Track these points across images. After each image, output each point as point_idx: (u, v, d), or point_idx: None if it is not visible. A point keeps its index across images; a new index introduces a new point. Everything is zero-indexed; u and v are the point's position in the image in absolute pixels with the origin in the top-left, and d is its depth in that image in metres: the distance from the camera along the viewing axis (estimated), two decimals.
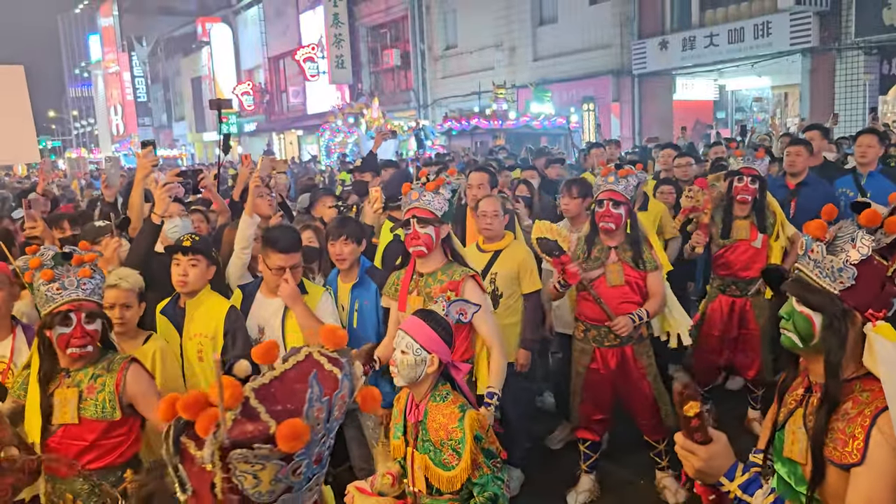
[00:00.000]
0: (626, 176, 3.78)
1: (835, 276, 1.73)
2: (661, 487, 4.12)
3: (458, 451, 2.39)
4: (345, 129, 20.72)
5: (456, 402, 2.48)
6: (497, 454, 2.48)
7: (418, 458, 2.49)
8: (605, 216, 3.78)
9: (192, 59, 39.59)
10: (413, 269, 3.31)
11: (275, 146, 31.60)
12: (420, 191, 3.23)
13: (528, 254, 4.25)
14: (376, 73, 27.73)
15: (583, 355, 3.98)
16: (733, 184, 4.48)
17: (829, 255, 1.75)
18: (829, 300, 1.73)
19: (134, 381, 2.58)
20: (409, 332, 2.49)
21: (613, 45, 18.45)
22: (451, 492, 2.46)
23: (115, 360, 2.61)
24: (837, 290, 1.73)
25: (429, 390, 2.51)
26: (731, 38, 15.54)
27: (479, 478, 2.41)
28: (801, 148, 5.23)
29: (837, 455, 1.69)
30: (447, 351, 2.52)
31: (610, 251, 3.86)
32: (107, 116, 50.08)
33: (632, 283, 3.83)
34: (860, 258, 1.72)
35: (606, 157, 7.91)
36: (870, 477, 1.64)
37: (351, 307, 3.76)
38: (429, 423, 2.47)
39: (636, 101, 18.37)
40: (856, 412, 1.70)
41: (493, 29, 21.66)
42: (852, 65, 13.88)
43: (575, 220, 4.66)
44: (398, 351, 2.48)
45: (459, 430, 2.40)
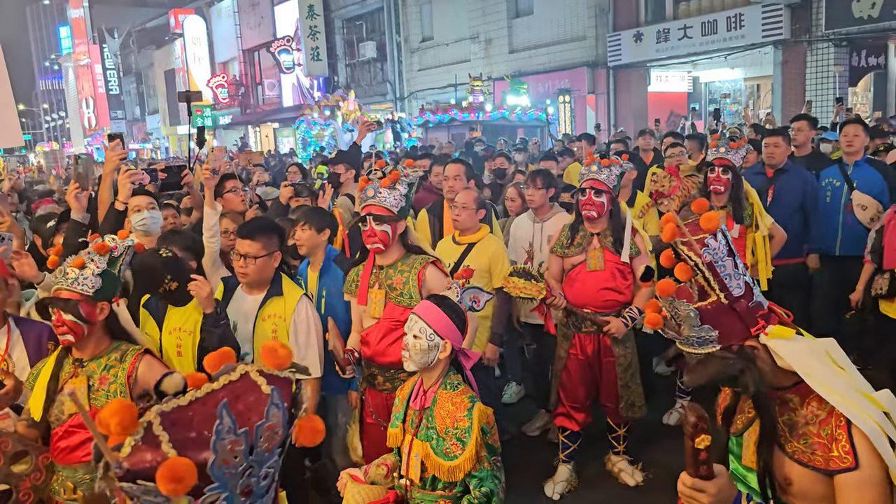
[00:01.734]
0: (609, 165, 3.85)
1: (703, 341, 1.73)
2: (616, 471, 4.22)
3: (464, 440, 2.37)
4: (321, 122, 20.58)
5: (466, 393, 2.47)
6: (498, 452, 2.47)
7: (417, 446, 2.46)
8: (587, 204, 3.87)
9: (165, 51, 39.01)
10: (373, 262, 3.33)
11: (250, 139, 31.31)
12: (375, 187, 3.21)
13: (500, 248, 4.29)
14: (352, 66, 27.55)
15: (564, 340, 4.07)
16: (707, 175, 4.54)
17: (683, 329, 1.75)
18: (722, 359, 1.73)
19: (146, 371, 2.58)
20: (423, 317, 2.46)
21: (588, 37, 18.53)
22: (445, 486, 2.43)
23: (128, 351, 2.62)
24: (716, 346, 1.73)
25: (440, 377, 2.49)
26: (705, 31, 15.68)
27: (479, 471, 2.39)
28: (780, 139, 5.28)
29: (819, 460, 1.67)
30: (460, 338, 2.51)
31: (592, 237, 3.93)
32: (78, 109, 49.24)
33: (612, 269, 3.91)
34: (698, 315, 1.72)
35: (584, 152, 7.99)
36: (870, 478, 1.62)
37: (318, 294, 3.78)
38: (436, 410, 2.45)
39: (611, 93, 18.47)
40: (825, 413, 1.69)
41: (468, 21, 21.64)
42: (823, 57, 14.07)
43: (538, 210, 4.71)
44: (410, 335, 2.45)
45: (467, 420, 2.38)
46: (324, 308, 3.74)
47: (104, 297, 2.57)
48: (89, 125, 46.68)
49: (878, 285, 4.55)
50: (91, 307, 2.54)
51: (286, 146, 26.98)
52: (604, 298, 3.93)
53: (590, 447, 4.38)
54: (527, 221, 4.81)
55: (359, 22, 26.91)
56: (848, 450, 1.63)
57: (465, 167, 5.04)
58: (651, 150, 7.70)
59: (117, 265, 2.64)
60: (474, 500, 2.38)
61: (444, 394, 2.46)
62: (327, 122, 20.41)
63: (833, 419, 1.67)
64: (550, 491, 4.16)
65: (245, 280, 3.37)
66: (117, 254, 2.64)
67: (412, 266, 3.23)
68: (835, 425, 1.66)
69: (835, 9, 13.53)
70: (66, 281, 2.52)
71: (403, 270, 3.24)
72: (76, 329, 2.53)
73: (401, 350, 2.52)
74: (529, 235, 4.72)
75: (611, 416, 4.17)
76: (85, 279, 2.53)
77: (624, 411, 4.04)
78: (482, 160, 9.94)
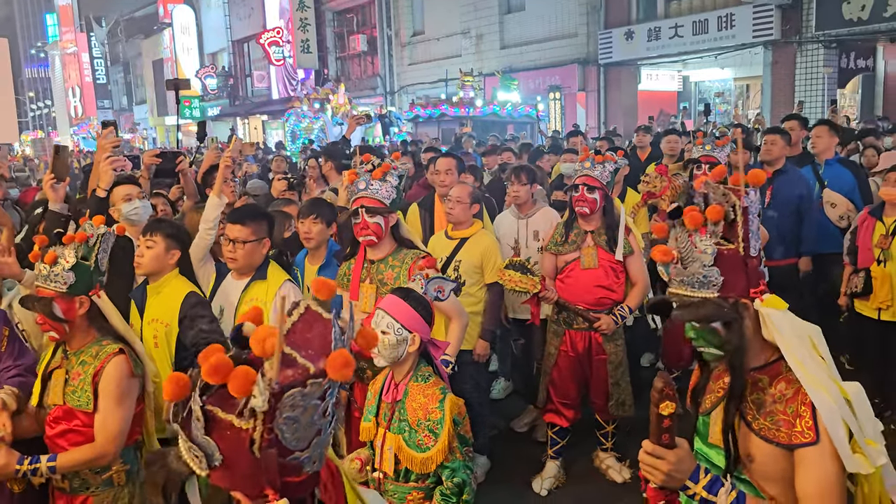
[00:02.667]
0: (602, 162, 3.84)
1: (705, 283, 1.77)
2: (604, 468, 4.23)
3: (436, 431, 2.38)
4: (310, 115, 20.48)
5: (438, 385, 2.48)
6: (470, 443, 2.48)
7: (390, 439, 2.47)
8: (580, 200, 3.86)
9: (153, 40, 38.66)
10: (364, 257, 3.31)
11: (239, 131, 31.12)
12: (366, 179, 3.20)
13: (492, 243, 4.27)
14: (342, 59, 27.42)
15: (555, 337, 4.06)
16: (693, 172, 4.55)
17: (688, 270, 1.79)
18: (716, 305, 1.77)
19: (112, 372, 2.49)
20: (389, 312, 2.45)
21: (580, 34, 18.53)
22: (417, 478, 2.44)
23: (104, 349, 2.53)
24: (715, 293, 1.77)
25: (411, 369, 2.50)
26: (696, 30, 15.72)
27: (451, 462, 2.40)
28: (777, 136, 5.31)
29: (783, 436, 1.73)
30: (427, 329, 2.51)
31: (586, 235, 3.92)
32: (65, 98, 48.72)
33: (605, 267, 3.91)
34: (712, 257, 1.77)
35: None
36: (828, 453, 1.68)
37: None
38: (408, 403, 2.45)
39: (602, 91, 18.50)
40: (792, 392, 1.75)
41: (460, 16, 21.57)
42: (812, 58, 14.14)
43: (523, 206, 4.70)
44: (378, 331, 2.42)
45: (439, 412, 2.39)
46: None
47: (81, 291, 2.49)
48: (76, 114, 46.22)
49: (853, 283, 4.63)
50: (68, 303, 2.46)
51: (275, 138, 26.83)
52: (597, 296, 3.93)
53: (578, 444, 4.38)
54: (510, 218, 4.79)
55: (349, 15, 26.79)
56: (811, 426, 1.69)
57: (457, 161, 5.03)
58: (647, 147, 7.68)
59: (92, 255, 2.53)
60: (447, 490, 2.39)
61: (415, 386, 2.48)
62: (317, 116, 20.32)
63: (799, 397, 1.73)
64: (538, 487, 4.16)
65: (234, 265, 3.34)
66: (92, 243, 2.53)
67: (403, 261, 3.22)
68: (800, 402, 1.72)
69: (825, 10, 13.59)
70: (41, 278, 2.46)
71: (394, 265, 3.23)
72: (56, 327, 2.48)
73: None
74: (514, 232, 4.70)
75: (599, 414, 4.17)
76: (56, 275, 2.44)
77: (613, 409, 4.04)
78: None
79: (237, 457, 1.14)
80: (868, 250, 4.54)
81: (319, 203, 3.84)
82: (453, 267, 4.14)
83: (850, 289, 4.66)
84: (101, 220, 2.62)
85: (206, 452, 1.14)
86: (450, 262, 4.14)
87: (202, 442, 1.14)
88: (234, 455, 1.14)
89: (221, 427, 1.14)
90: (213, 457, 1.14)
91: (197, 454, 1.15)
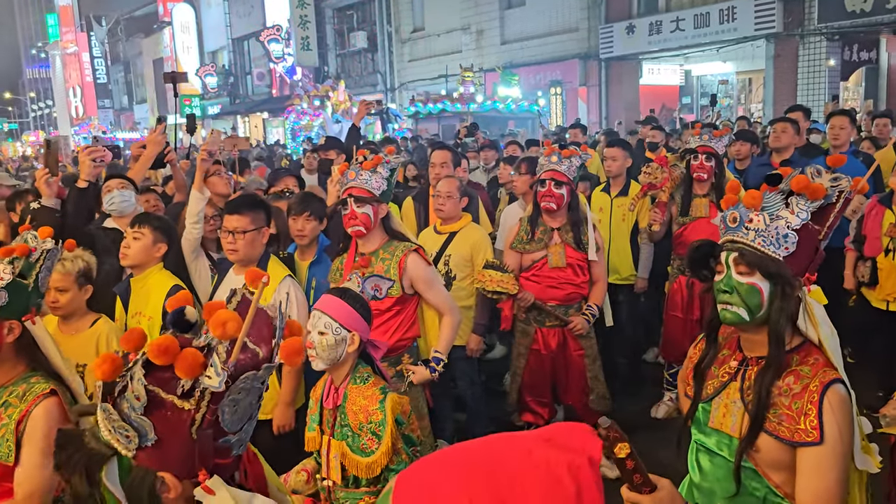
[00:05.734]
0: (569, 156, 3.78)
1: (779, 242, 1.74)
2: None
3: (378, 434, 2.27)
4: (310, 112, 20.42)
5: (377, 385, 2.36)
6: (417, 442, 2.38)
7: (335, 446, 2.36)
8: (547, 196, 3.78)
9: (153, 39, 38.66)
10: (355, 250, 3.25)
11: (240, 129, 31.10)
12: (357, 170, 3.16)
13: (482, 236, 4.23)
14: (343, 56, 27.36)
15: (524, 337, 3.99)
16: (690, 162, 4.49)
17: (772, 224, 1.75)
18: (782, 267, 1.74)
19: (40, 418, 2.03)
20: (327, 311, 2.33)
21: (581, 28, 18.46)
22: (368, 482, 2.34)
23: (33, 388, 2.07)
24: (782, 256, 1.74)
25: (349, 372, 2.38)
26: (697, 23, 15.63)
27: (396, 464, 2.29)
28: (788, 125, 5.23)
29: (785, 431, 1.71)
30: (367, 328, 2.39)
31: (553, 232, 3.85)
32: (65, 98, 48.77)
33: (574, 265, 3.86)
34: (800, 223, 1.74)
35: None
36: (830, 457, 1.66)
37: (308, 284, 3.69)
38: (348, 407, 2.34)
39: (603, 86, 18.42)
40: (800, 388, 1.72)
41: (460, 11, 21.51)
42: (815, 51, 14.04)
43: (527, 196, 4.66)
44: (315, 332, 2.31)
45: (380, 413, 2.27)
46: (312, 299, 3.64)
47: (11, 315, 2.05)
48: (76, 114, 46.23)
49: (861, 272, 4.57)
50: None
51: (275, 136, 26.79)
52: (565, 293, 3.90)
53: None
54: (517, 210, 4.75)
55: (349, 12, 26.73)
56: (815, 425, 1.67)
57: (452, 154, 4.96)
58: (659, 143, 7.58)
59: (33, 273, 2.10)
60: None
61: (354, 388, 2.35)
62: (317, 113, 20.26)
63: (807, 395, 1.70)
64: None
65: (234, 257, 3.28)
66: (34, 259, 2.11)
67: (393, 254, 3.17)
68: (807, 400, 1.70)
69: (827, 2, 13.49)
70: None
71: (385, 258, 3.17)
72: None
73: (309, 350, 2.34)
74: None
75: (581, 413, 4.05)
76: None
77: (595, 404, 3.97)
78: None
79: (173, 437, 1.17)
80: (876, 239, 4.46)
81: (310, 199, 3.77)
82: (443, 261, 4.09)
83: (858, 277, 4.60)
84: (49, 232, 2.19)
85: (139, 432, 1.15)
86: (440, 257, 4.08)
87: (136, 422, 1.15)
88: (171, 435, 1.17)
89: (162, 407, 1.16)
90: (146, 437, 1.16)
91: (127, 434, 1.15)
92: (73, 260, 2.87)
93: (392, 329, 3.15)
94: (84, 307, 2.94)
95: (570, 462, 0.70)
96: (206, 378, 1.16)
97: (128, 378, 1.16)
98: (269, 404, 3.31)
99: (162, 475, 1.19)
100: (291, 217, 3.70)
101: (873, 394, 4.63)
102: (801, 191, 1.77)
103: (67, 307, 2.87)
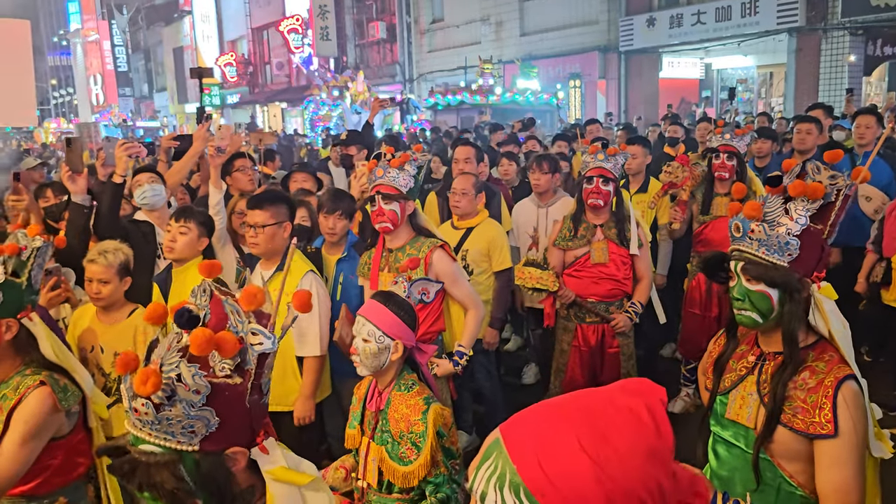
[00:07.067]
0: (614, 154, 3.81)
1: (783, 250, 1.81)
2: None
3: (419, 444, 2.25)
4: (329, 103, 20.50)
5: (422, 394, 2.33)
6: (457, 455, 2.35)
7: (374, 450, 2.35)
8: (594, 193, 3.80)
9: (173, 28, 38.84)
10: (382, 245, 3.32)
11: (258, 119, 31.22)
12: (385, 167, 3.22)
13: (499, 232, 4.27)
14: (361, 46, 27.37)
15: (566, 333, 4.02)
16: (712, 161, 4.51)
17: (773, 232, 1.82)
18: (787, 274, 1.82)
19: (25, 407, 2.12)
20: (370, 319, 2.30)
21: (601, 21, 18.35)
22: (401, 490, 2.33)
23: (25, 380, 2.17)
24: (787, 262, 1.81)
25: (394, 378, 2.36)
26: (719, 17, 15.51)
27: (434, 476, 2.27)
28: (812, 125, 5.19)
29: (800, 423, 1.80)
30: (411, 335, 2.36)
31: (595, 229, 3.88)
32: (86, 86, 49.10)
33: (616, 261, 3.87)
34: (801, 228, 1.80)
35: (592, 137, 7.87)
36: (847, 449, 1.75)
37: (335, 280, 3.76)
38: (390, 413, 2.32)
39: (622, 79, 18.32)
40: (815, 382, 1.80)
41: (480, 2, 21.44)
42: (837, 45, 13.90)
43: (544, 195, 4.69)
44: (359, 339, 2.29)
45: (422, 424, 2.25)
46: (339, 294, 3.72)
47: (7, 313, 2.13)
48: (97, 102, 46.58)
49: (876, 273, 4.61)
50: None
51: (294, 126, 26.89)
52: (608, 288, 3.90)
53: None
54: (530, 206, 4.78)
55: (369, 2, 26.71)
56: (830, 418, 1.76)
57: (476, 150, 5.02)
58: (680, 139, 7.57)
59: (25, 271, 2.17)
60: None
61: (397, 395, 2.33)
62: (336, 103, 20.32)
63: (821, 389, 1.78)
64: None
65: (257, 251, 3.36)
66: (25, 257, 2.17)
67: (420, 249, 3.23)
68: (822, 395, 1.78)
69: None
70: None
71: (412, 254, 3.23)
72: None
73: (353, 356, 2.36)
74: (534, 220, 4.69)
75: None
76: None
77: None
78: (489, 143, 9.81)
79: (233, 414, 1.26)
80: (893, 239, 4.46)
81: (341, 196, 3.84)
82: (461, 256, 4.15)
83: (872, 277, 4.62)
84: (37, 230, 2.29)
85: (204, 422, 1.22)
86: (457, 252, 4.14)
87: (199, 414, 1.21)
88: (230, 413, 1.25)
89: (218, 391, 1.23)
90: (209, 424, 1.23)
91: (192, 429, 1.21)
92: (114, 252, 2.98)
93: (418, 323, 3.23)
94: (123, 298, 3.04)
95: (646, 403, 0.83)
96: (259, 345, 1.27)
97: (173, 382, 1.19)
98: (291, 396, 3.39)
99: (230, 451, 1.27)
100: (322, 214, 3.76)
101: (889, 392, 4.67)
102: (800, 195, 1.82)
103: (109, 298, 2.97)
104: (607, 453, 0.78)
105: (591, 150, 3.88)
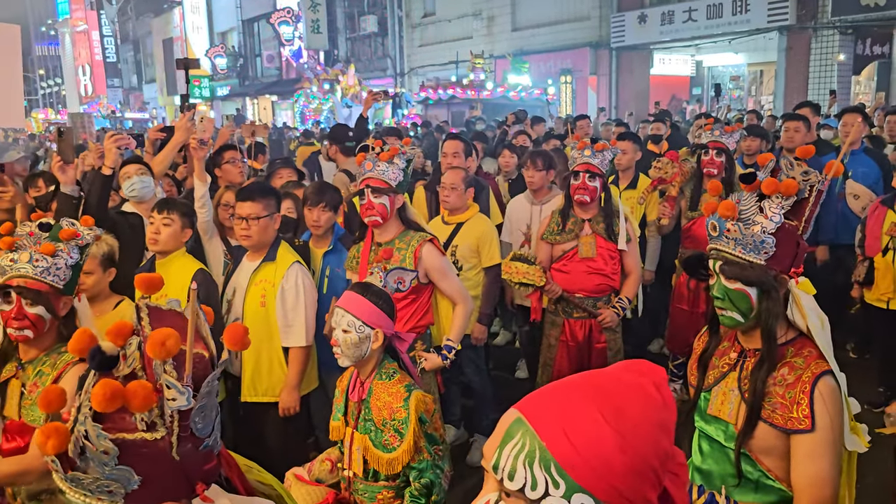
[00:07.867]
0: (602, 150, 3.81)
1: (758, 248, 1.83)
2: None
3: (401, 431, 2.29)
4: (320, 96, 20.43)
5: (402, 382, 2.37)
6: (440, 441, 2.39)
7: (358, 439, 2.39)
8: (581, 188, 3.79)
9: (163, 19, 38.56)
10: (371, 239, 3.32)
11: (248, 111, 31.08)
12: (374, 161, 3.21)
13: (489, 227, 4.27)
14: (352, 40, 27.28)
15: (553, 327, 4.02)
16: (701, 157, 4.53)
17: (748, 231, 1.83)
18: (763, 272, 1.83)
19: (72, 382, 2.12)
20: (349, 309, 2.33)
21: (592, 17, 18.37)
22: (387, 477, 2.37)
23: (63, 356, 2.26)
24: (763, 260, 1.83)
25: (375, 367, 2.40)
26: (710, 14, 15.55)
27: (418, 462, 2.32)
28: (800, 124, 5.21)
29: (778, 418, 1.82)
30: (390, 324, 2.40)
31: (583, 223, 3.88)
32: (74, 76, 48.71)
33: (604, 255, 3.88)
34: (775, 226, 1.82)
35: (583, 133, 7.87)
36: (822, 444, 1.78)
37: (322, 273, 3.76)
38: (372, 402, 2.36)
39: (613, 75, 18.35)
40: (793, 378, 1.83)
41: None
42: (827, 44, 13.97)
43: (538, 192, 4.69)
44: (339, 330, 2.33)
45: (404, 410, 2.29)
46: (326, 287, 3.72)
47: (70, 292, 2.30)
48: (86, 92, 46.21)
49: (858, 272, 4.63)
50: (58, 302, 2.26)
51: (284, 119, 26.77)
52: (595, 283, 3.89)
53: None
54: (524, 203, 4.77)
55: None
56: (807, 413, 1.79)
57: (464, 144, 5.00)
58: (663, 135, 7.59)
59: (84, 256, 2.37)
60: (415, 491, 2.31)
61: (379, 384, 2.37)
62: (326, 97, 20.25)
63: (799, 385, 1.81)
64: None
65: (248, 243, 3.37)
66: (83, 243, 2.34)
67: (409, 244, 3.23)
68: (799, 390, 1.81)
69: None
70: (35, 269, 2.19)
71: (401, 248, 3.23)
72: (39, 325, 2.22)
73: (334, 347, 2.39)
74: (527, 217, 4.68)
75: None
76: (58, 269, 2.23)
77: None
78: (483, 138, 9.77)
79: (157, 470, 1.13)
80: (875, 239, 4.50)
81: (326, 189, 3.83)
82: (450, 252, 4.14)
83: (854, 277, 4.65)
84: (90, 222, 2.44)
85: (121, 482, 1.10)
86: (447, 247, 4.13)
87: (115, 474, 1.09)
88: (154, 469, 1.13)
89: (134, 448, 1.11)
90: (130, 482, 1.10)
91: (109, 489, 1.10)
92: (97, 243, 2.95)
93: (406, 317, 3.23)
94: (108, 289, 3.03)
95: (652, 380, 0.89)
96: (172, 401, 1.12)
97: (81, 439, 1.07)
98: (278, 387, 3.41)
99: None
100: (307, 207, 3.76)
101: (874, 389, 4.71)
102: (773, 192, 1.83)
103: (92, 289, 2.95)
104: (627, 425, 0.84)
105: (579, 146, 3.88)
